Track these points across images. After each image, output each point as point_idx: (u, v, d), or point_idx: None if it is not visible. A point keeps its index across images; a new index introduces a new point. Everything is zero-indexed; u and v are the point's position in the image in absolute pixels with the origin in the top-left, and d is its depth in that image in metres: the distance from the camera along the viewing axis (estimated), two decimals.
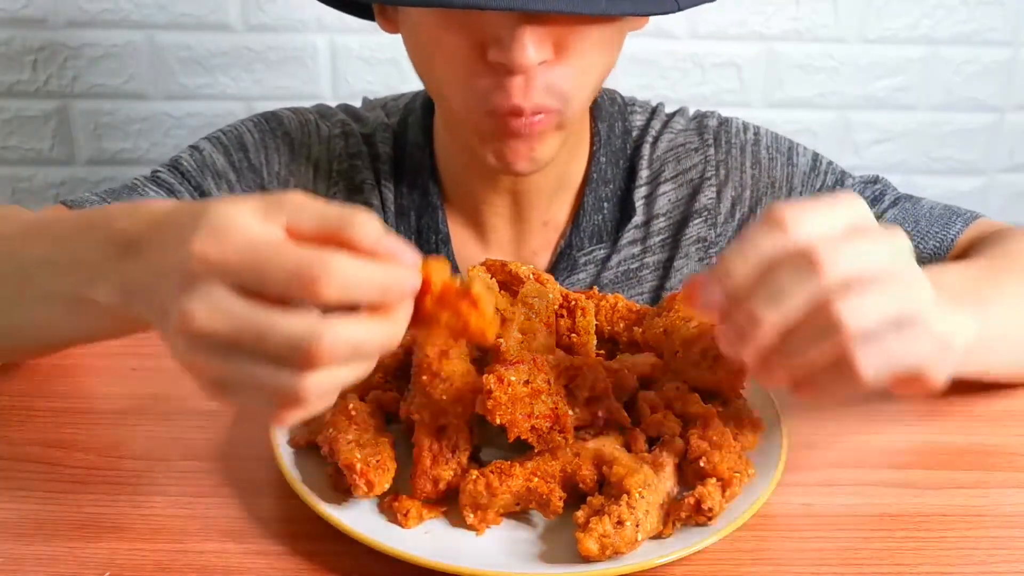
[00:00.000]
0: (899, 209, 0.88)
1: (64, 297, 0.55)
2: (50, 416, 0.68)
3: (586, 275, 0.90)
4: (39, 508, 0.58)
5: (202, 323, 0.45)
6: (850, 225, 0.49)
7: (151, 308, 0.50)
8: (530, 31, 0.68)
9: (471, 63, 0.72)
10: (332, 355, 0.45)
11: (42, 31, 1.41)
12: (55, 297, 0.56)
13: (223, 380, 0.47)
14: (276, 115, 0.94)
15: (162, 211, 0.51)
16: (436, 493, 0.56)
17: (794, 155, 0.94)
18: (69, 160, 1.49)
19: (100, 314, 0.55)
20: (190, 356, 0.47)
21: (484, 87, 0.72)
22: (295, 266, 0.44)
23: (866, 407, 0.70)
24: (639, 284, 0.91)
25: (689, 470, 0.57)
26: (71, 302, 0.55)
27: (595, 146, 0.91)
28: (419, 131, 0.91)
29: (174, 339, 0.48)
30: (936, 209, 0.88)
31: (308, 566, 0.54)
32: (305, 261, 0.44)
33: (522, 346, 0.59)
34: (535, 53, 0.69)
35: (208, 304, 0.45)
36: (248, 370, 0.46)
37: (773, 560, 0.55)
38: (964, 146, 1.56)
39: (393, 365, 0.67)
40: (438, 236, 0.90)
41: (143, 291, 0.50)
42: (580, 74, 0.73)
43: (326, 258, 0.44)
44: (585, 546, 0.51)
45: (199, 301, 0.45)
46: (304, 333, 0.44)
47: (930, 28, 1.47)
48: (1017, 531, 0.57)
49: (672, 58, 1.47)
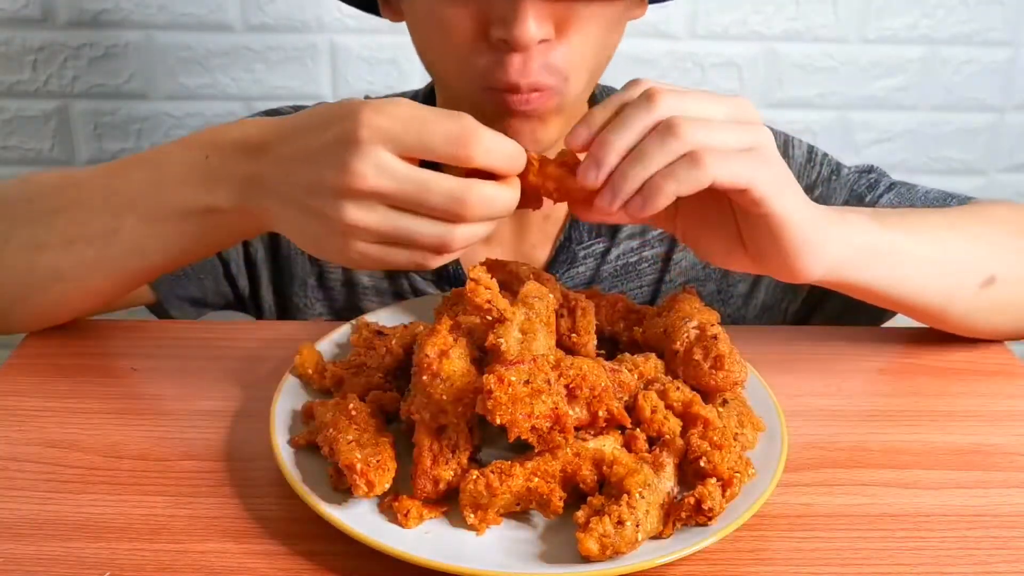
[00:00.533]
0: (895, 194, 0.89)
1: (180, 211, 0.65)
2: (50, 416, 0.68)
3: (585, 269, 0.90)
4: (39, 508, 0.59)
5: (372, 181, 0.55)
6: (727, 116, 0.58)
7: (281, 196, 0.60)
8: (532, 8, 0.68)
9: (472, 41, 0.72)
10: (479, 209, 0.56)
11: (42, 31, 1.41)
12: (167, 215, 0.66)
13: (385, 236, 0.57)
14: (277, 112, 0.95)
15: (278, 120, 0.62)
16: (436, 493, 0.56)
17: (790, 148, 0.94)
18: (69, 160, 1.49)
19: (217, 222, 0.65)
20: (352, 215, 0.56)
21: (483, 64, 0.73)
22: (452, 132, 0.55)
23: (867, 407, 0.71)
24: (638, 278, 0.91)
25: (689, 470, 0.57)
26: (185, 215, 0.65)
27: None
28: None
29: (332, 206, 0.56)
30: (932, 193, 0.90)
31: (308, 566, 0.54)
32: (459, 129, 0.56)
33: (522, 346, 0.59)
34: (537, 30, 0.69)
35: (377, 165, 0.55)
36: (410, 224, 0.56)
37: (773, 560, 0.55)
38: (964, 146, 1.56)
39: (393, 365, 0.67)
40: None
41: (273, 183, 0.60)
42: (580, 54, 0.74)
43: (476, 128, 0.56)
44: (585, 546, 0.51)
45: (368, 163, 0.55)
46: (458, 189, 0.55)
47: (930, 28, 1.47)
48: (1017, 531, 0.57)
49: (672, 58, 1.47)
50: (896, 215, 0.73)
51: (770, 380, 0.68)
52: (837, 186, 0.90)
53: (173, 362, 0.75)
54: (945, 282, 0.72)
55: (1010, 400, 0.71)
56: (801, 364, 0.75)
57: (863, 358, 0.75)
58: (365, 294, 0.91)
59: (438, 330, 0.59)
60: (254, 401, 0.69)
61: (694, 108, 0.57)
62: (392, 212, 0.56)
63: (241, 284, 0.94)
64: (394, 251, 0.58)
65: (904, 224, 0.71)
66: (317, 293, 0.93)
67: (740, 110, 0.59)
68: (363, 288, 0.92)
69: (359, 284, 0.92)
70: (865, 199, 0.89)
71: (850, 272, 0.67)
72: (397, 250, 0.58)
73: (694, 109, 0.57)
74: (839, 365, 0.75)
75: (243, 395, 0.70)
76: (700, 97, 0.58)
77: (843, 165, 0.94)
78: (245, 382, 0.72)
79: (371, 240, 0.58)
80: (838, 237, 0.64)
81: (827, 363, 0.75)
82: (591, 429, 0.58)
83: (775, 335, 0.79)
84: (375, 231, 0.57)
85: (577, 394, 0.56)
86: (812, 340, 0.78)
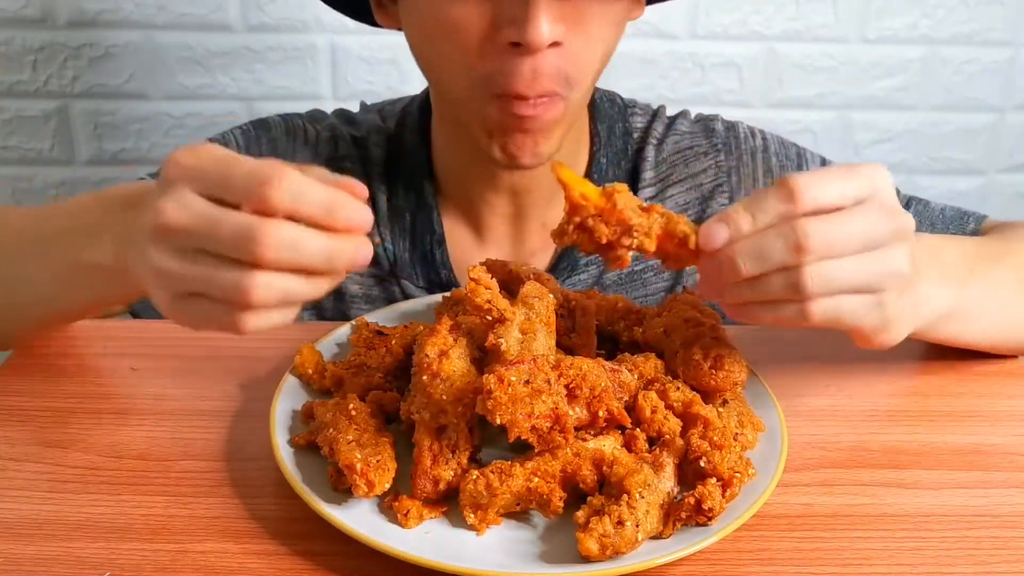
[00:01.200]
0: (913, 211, 0.90)
1: (84, 264, 0.63)
2: (50, 416, 0.68)
3: (587, 276, 0.89)
4: (39, 508, 0.59)
5: (169, 217, 0.52)
6: (858, 198, 0.56)
7: (134, 250, 0.56)
8: (545, 7, 0.68)
9: (479, 44, 0.72)
10: (274, 249, 0.50)
11: (42, 31, 1.41)
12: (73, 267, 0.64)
13: (183, 281, 0.53)
14: (264, 122, 0.95)
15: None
16: (436, 493, 0.56)
17: (803, 162, 0.94)
18: (69, 160, 1.49)
19: (110, 278, 0.63)
20: (157, 259, 0.54)
21: (490, 70, 0.72)
22: (255, 172, 0.51)
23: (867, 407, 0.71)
24: (643, 286, 0.91)
25: (689, 470, 0.57)
26: (89, 268, 0.63)
27: (595, 147, 0.91)
28: (415, 132, 0.91)
29: (145, 249, 0.54)
30: (948, 211, 0.91)
31: (308, 566, 0.54)
32: (262, 168, 0.52)
33: (522, 346, 0.59)
34: (549, 31, 0.68)
35: (177, 202, 0.52)
36: (208, 269, 0.52)
37: (773, 560, 0.55)
38: (964, 146, 1.56)
39: (393, 365, 0.67)
40: (432, 236, 0.89)
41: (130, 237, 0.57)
42: (587, 56, 0.74)
43: (283, 170, 0.51)
44: (585, 546, 0.51)
45: (171, 200, 0.53)
46: (250, 225, 0.50)
47: (930, 28, 1.47)
48: (1017, 531, 0.57)
49: (672, 58, 1.47)
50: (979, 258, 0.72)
51: (770, 380, 0.68)
52: None
53: (173, 362, 0.75)
54: (1006, 336, 0.74)
55: (1010, 400, 0.71)
56: (801, 364, 0.75)
57: (863, 358, 0.75)
58: (354, 302, 0.91)
59: (438, 330, 0.59)
60: (254, 401, 0.69)
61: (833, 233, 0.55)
62: (195, 255, 0.53)
63: None
64: (201, 304, 0.54)
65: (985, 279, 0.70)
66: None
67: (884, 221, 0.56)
68: (352, 296, 0.91)
69: (347, 292, 0.91)
70: None
71: (918, 334, 0.66)
72: (203, 302, 0.54)
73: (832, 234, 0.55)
74: (839, 365, 0.75)
75: (243, 395, 0.70)
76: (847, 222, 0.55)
77: None
78: (245, 382, 0.72)
79: (179, 289, 0.54)
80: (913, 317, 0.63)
81: (827, 363, 0.75)
82: (591, 429, 0.58)
83: (775, 335, 0.79)
84: (178, 275, 0.53)
85: (577, 394, 0.56)
86: (812, 340, 0.78)
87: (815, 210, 0.55)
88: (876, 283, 0.57)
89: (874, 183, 0.57)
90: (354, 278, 0.91)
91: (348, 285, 0.91)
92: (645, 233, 0.57)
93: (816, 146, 1.52)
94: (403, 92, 1.45)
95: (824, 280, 0.55)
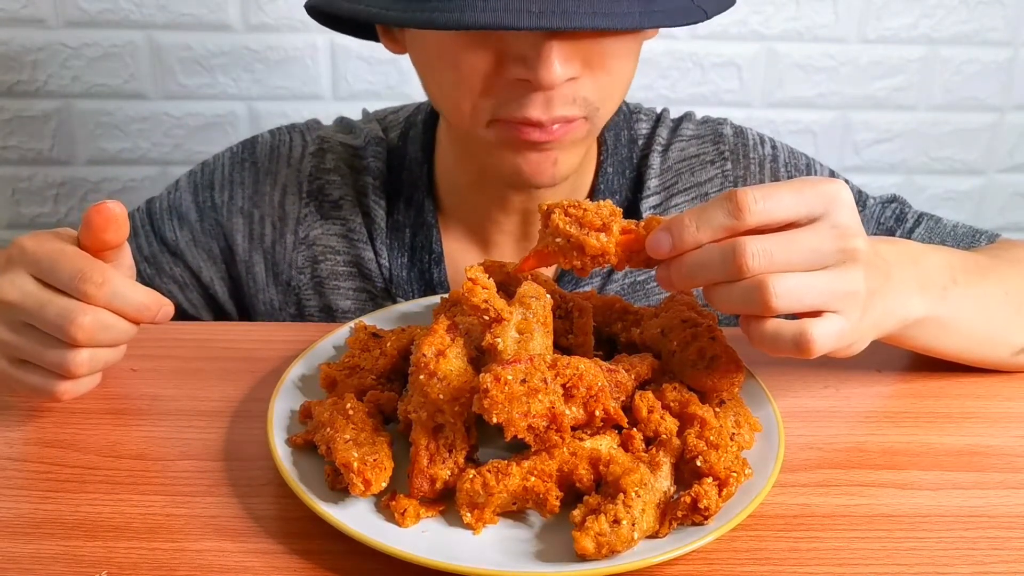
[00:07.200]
0: (925, 228, 0.89)
1: None
2: (50, 416, 0.68)
3: (592, 287, 0.88)
4: (37, 507, 0.59)
5: (4, 293, 0.61)
6: (810, 215, 0.56)
7: None
8: (557, 47, 0.67)
9: (486, 79, 0.71)
10: (90, 332, 0.60)
11: (42, 31, 1.41)
12: None
13: (17, 350, 0.62)
14: (252, 143, 0.96)
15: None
16: (433, 492, 0.56)
17: (812, 173, 0.92)
18: (69, 160, 1.49)
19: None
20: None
21: (495, 101, 0.71)
22: (79, 269, 0.60)
23: (865, 408, 0.71)
24: (646, 297, 0.90)
25: (686, 470, 0.57)
26: None
27: (602, 156, 0.90)
28: (418, 147, 0.90)
29: None
30: (960, 228, 0.90)
31: (305, 565, 0.54)
32: (88, 263, 0.61)
33: (519, 346, 0.59)
34: (562, 70, 0.68)
35: (12, 283, 0.61)
36: (35, 343, 0.62)
37: (769, 560, 0.55)
38: (964, 146, 1.56)
39: (387, 367, 0.67)
40: (431, 256, 0.89)
41: None
42: (610, 86, 0.73)
43: (106, 274, 0.61)
44: (581, 545, 0.51)
45: (7, 280, 0.62)
46: (70, 310, 0.60)
47: (930, 28, 1.47)
48: (1014, 532, 0.57)
49: (672, 58, 1.47)
50: (965, 270, 0.69)
51: (767, 380, 0.68)
52: (863, 218, 0.89)
53: (172, 362, 0.75)
54: (981, 350, 0.71)
55: (1007, 402, 0.71)
56: (798, 365, 0.75)
57: (861, 359, 0.75)
58: (347, 317, 0.91)
59: (435, 330, 0.59)
60: (252, 401, 0.69)
61: (776, 252, 0.55)
62: (23, 329, 0.62)
63: (206, 319, 0.94)
64: (31, 371, 0.63)
65: (968, 292, 0.68)
66: (298, 321, 0.93)
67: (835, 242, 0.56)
68: (343, 312, 0.91)
69: (339, 308, 0.91)
70: (896, 234, 0.88)
71: (889, 340, 0.66)
72: (32, 369, 0.63)
73: (776, 253, 0.55)
74: (837, 366, 0.75)
75: (241, 395, 0.70)
76: (791, 241, 0.55)
77: (865, 194, 0.93)
78: (243, 382, 0.72)
79: (12, 356, 0.63)
80: (873, 329, 0.62)
81: (825, 364, 0.75)
82: (588, 428, 0.58)
83: None
84: (13, 345, 0.62)
85: (574, 393, 0.56)
86: None
87: (761, 225, 0.55)
88: (826, 303, 0.56)
89: (829, 201, 0.56)
90: (347, 293, 0.91)
91: (340, 301, 0.91)
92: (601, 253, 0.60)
93: (816, 146, 1.52)
94: (403, 92, 1.46)
95: (776, 296, 0.54)
